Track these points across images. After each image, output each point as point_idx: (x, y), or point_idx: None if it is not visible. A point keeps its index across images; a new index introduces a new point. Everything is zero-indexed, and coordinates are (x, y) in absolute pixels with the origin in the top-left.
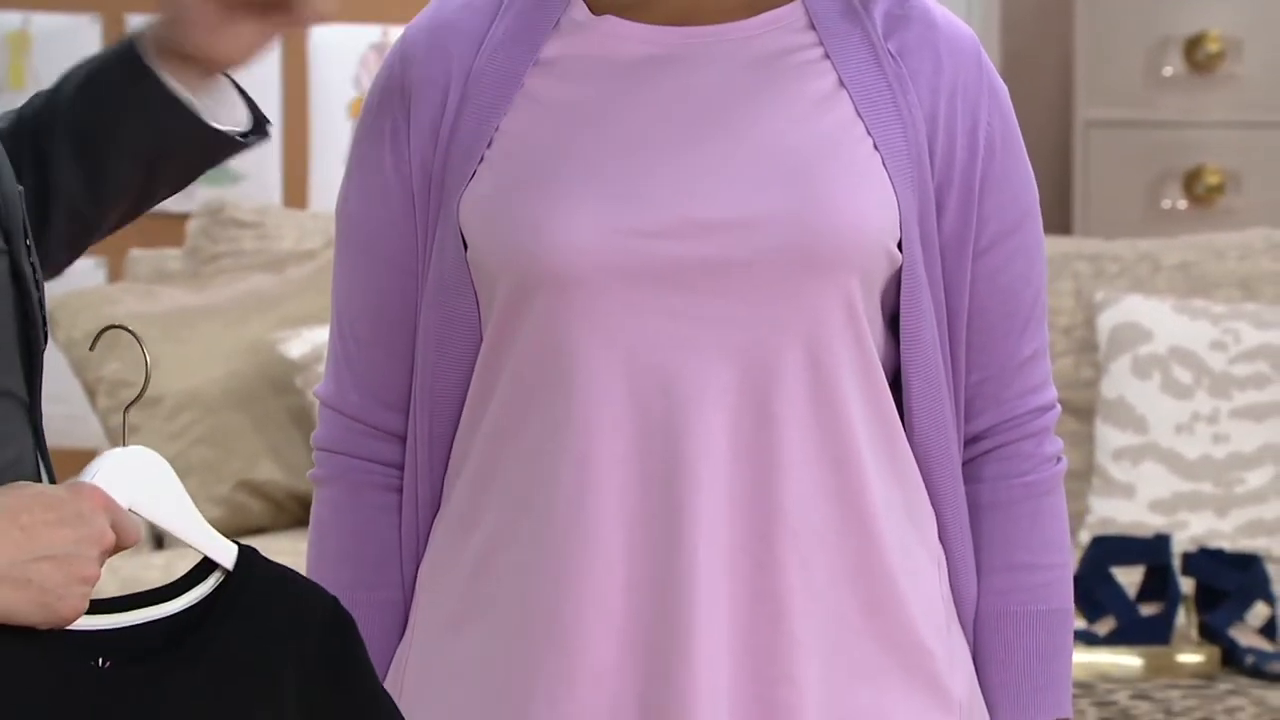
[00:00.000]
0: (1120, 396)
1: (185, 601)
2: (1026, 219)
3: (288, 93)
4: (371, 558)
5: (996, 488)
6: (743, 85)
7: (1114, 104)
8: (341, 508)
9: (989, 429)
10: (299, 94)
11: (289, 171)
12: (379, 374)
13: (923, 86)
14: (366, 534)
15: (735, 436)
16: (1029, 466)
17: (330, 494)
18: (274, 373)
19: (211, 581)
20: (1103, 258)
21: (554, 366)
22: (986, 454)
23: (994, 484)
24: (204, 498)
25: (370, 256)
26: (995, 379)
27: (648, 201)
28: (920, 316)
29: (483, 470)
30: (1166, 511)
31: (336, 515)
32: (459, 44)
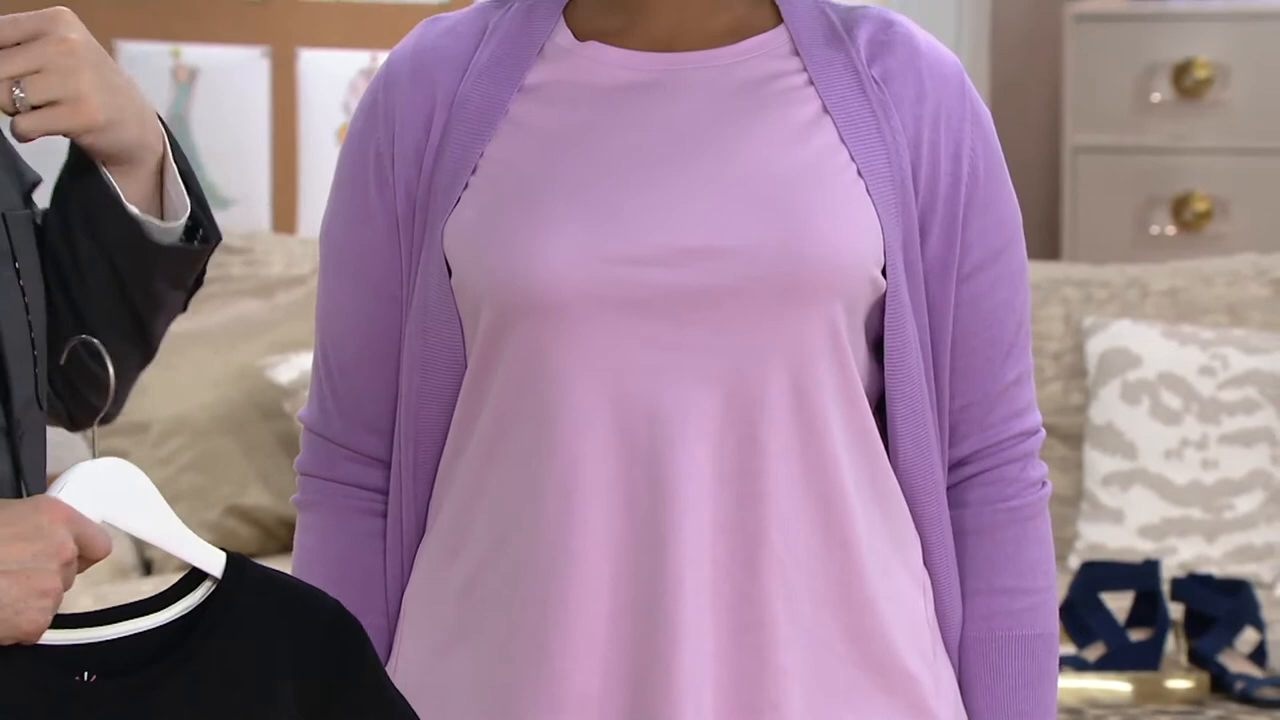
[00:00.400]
0: (1109, 422)
1: (173, 613)
2: (1010, 244)
3: (277, 118)
4: (357, 583)
5: (981, 512)
6: (727, 111)
7: (1102, 130)
8: (326, 533)
9: (973, 454)
10: (288, 120)
11: (278, 197)
12: (363, 399)
13: (906, 112)
14: (351, 560)
15: (719, 464)
16: (1014, 491)
17: (314, 519)
18: (263, 398)
19: (201, 592)
20: (1091, 283)
21: (537, 393)
22: (971, 479)
23: (978, 509)
24: (193, 523)
25: (354, 281)
26: (980, 404)
27: (632, 228)
28: (904, 343)
29: (467, 497)
30: (1156, 537)
31: (321, 541)
32: (443, 70)
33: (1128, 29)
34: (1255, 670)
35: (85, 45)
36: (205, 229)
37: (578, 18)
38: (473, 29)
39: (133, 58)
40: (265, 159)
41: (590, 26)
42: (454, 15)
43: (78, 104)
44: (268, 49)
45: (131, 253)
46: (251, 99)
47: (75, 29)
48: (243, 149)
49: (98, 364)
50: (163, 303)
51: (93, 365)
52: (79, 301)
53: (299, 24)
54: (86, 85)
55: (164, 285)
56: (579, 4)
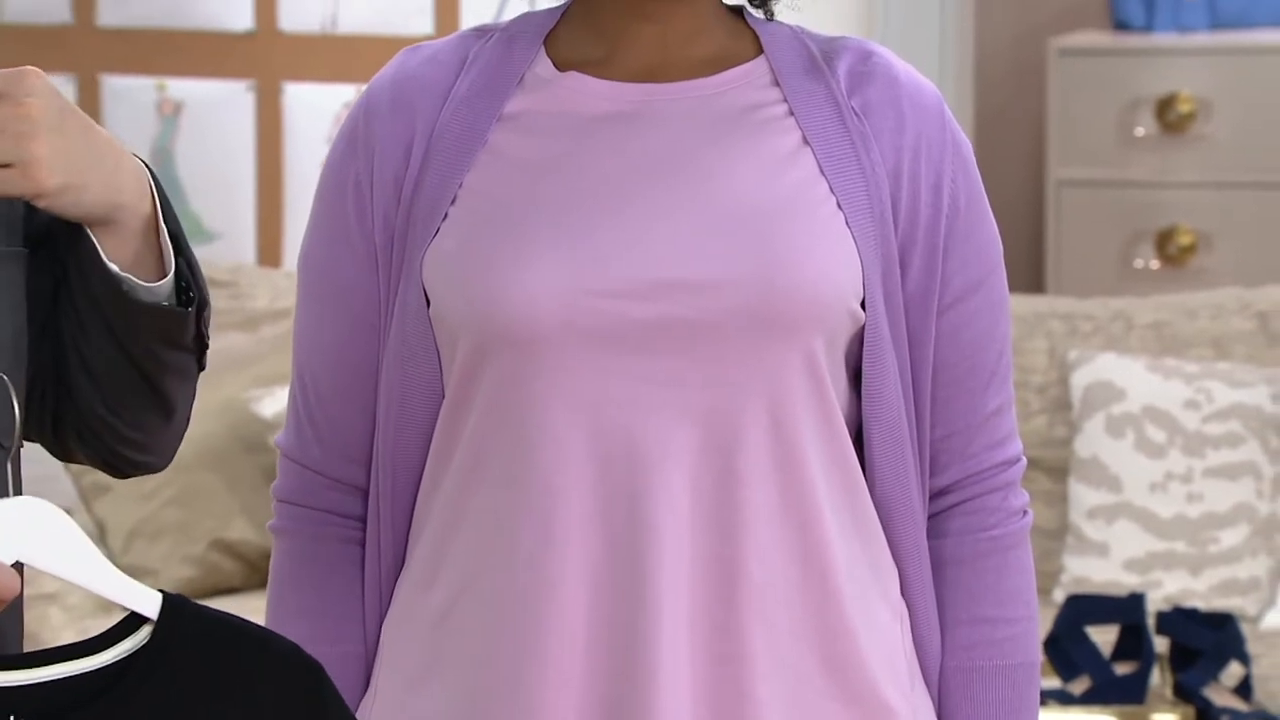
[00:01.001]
0: (1094, 455)
1: (108, 657)
2: (991, 274)
3: (261, 152)
4: (333, 611)
5: (962, 542)
6: (707, 142)
7: (1086, 164)
8: (301, 559)
9: (954, 484)
10: (273, 153)
11: (262, 230)
12: (340, 428)
13: (886, 143)
14: (327, 586)
15: (697, 497)
16: (995, 520)
17: (290, 545)
18: (247, 432)
19: (141, 636)
20: (1076, 316)
21: (515, 426)
22: (952, 508)
23: (960, 538)
24: (177, 558)
25: (332, 309)
26: (960, 434)
27: (611, 260)
28: (883, 375)
29: (444, 528)
30: (1141, 571)
31: (296, 567)
32: (423, 99)
33: (1111, 63)
34: (1241, 704)
35: (45, 109)
36: (193, 289)
37: (558, 48)
38: (453, 58)
39: (118, 92)
40: (250, 192)
41: (571, 57)
42: (434, 44)
43: (26, 169)
44: (253, 83)
45: (116, 310)
46: (236, 132)
47: (38, 92)
48: (228, 182)
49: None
50: (164, 362)
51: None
52: (86, 355)
53: (284, 58)
54: (39, 151)
55: (158, 344)
56: (560, 34)
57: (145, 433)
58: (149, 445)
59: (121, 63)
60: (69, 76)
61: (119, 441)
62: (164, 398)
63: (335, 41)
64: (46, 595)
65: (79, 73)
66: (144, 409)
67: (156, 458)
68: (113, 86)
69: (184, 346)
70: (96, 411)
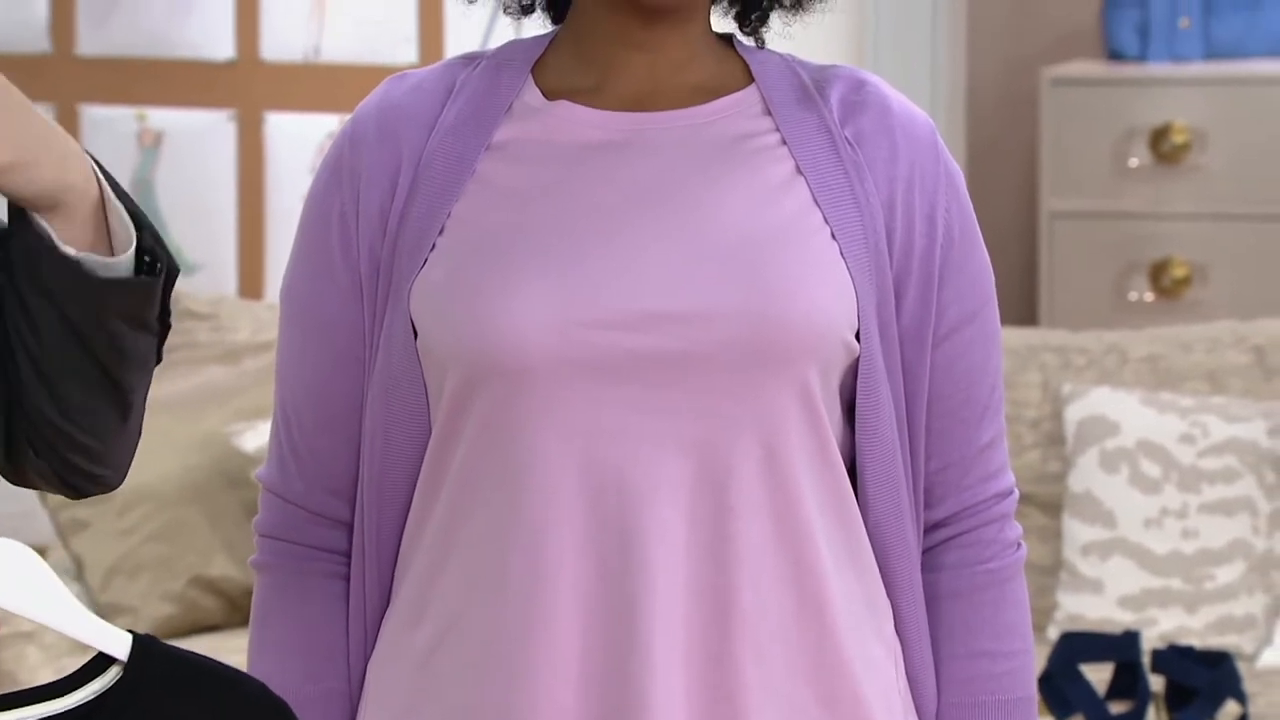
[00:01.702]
0: (1088, 490)
1: (74, 700)
2: (985, 305)
3: (243, 182)
4: (317, 648)
5: (958, 575)
6: (698, 171)
7: (1080, 195)
8: (284, 594)
9: (949, 517)
10: (255, 183)
11: (244, 262)
12: (324, 462)
13: (880, 173)
14: (310, 622)
15: (691, 530)
16: (990, 553)
17: (272, 580)
18: (228, 466)
19: (110, 676)
20: (1069, 349)
21: (504, 459)
22: (947, 541)
23: (955, 571)
24: (157, 595)
25: (315, 342)
26: (955, 466)
27: (601, 291)
28: (878, 408)
29: (432, 563)
30: (1136, 608)
31: (278, 602)
32: (409, 127)
33: (1105, 93)
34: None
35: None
36: (160, 260)
37: (547, 76)
38: (440, 86)
39: (97, 122)
40: (232, 223)
41: (560, 85)
42: (420, 72)
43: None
44: (234, 112)
45: (77, 296)
46: (218, 163)
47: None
48: (209, 213)
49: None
50: (125, 348)
51: (60, 423)
52: (37, 356)
53: (266, 87)
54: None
55: (121, 326)
56: (548, 62)
57: (100, 438)
58: (104, 454)
59: (101, 92)
60: (47, 106)
61: (73, 449)
62: (122, 392)
63: (318, 71)
64: (24, 634)
65: (58, 102)
66: (100, 408)
67: (112, 471)
68: (92, 116)
69: (148, 326)
70: (49, 418)
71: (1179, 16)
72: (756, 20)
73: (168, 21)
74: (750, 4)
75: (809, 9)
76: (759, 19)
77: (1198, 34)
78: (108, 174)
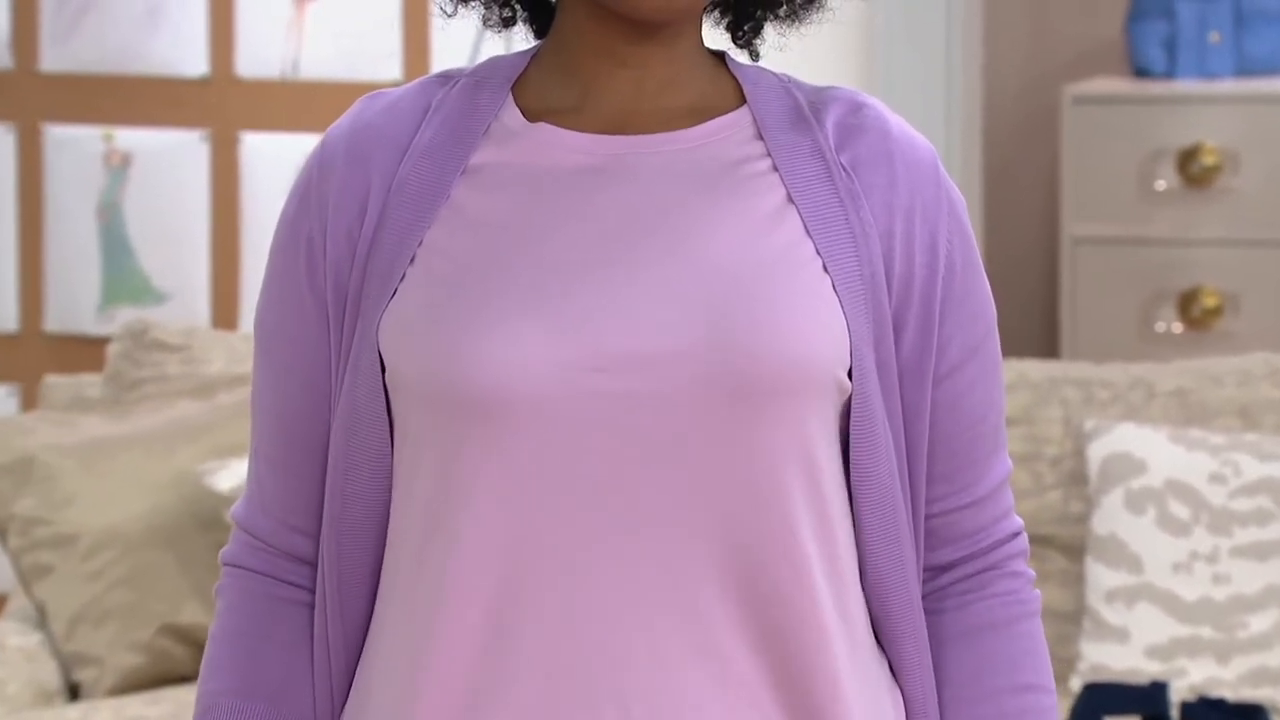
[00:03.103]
0: (1112, 533)
1: None
2: (987, 338)
3: (217, 206)
4: (274, 673)
5: (991, 606)
6: (684, 199)
7: (1104, 220)
8: (242, 613)
9: (958, 560)
10: (229, 207)
11: (218, 290)
12: (289, 498)
13: (877, 201)
14: (274, 643)
15: (673, 589)
16: (1015, 586)
17: (230, 602)
18: (201, 507)
19: None
20: (1093, 383)
21: (472, 502)
22: (956, 584)
23: (986, 602)
24: (124, 644)
25: (283, 374)
26: (967, 509)
27: (581, 329)
28: (874, 450)
29: (395, 617)
30: (1164, 657)
31: (235, 622)
32: (381, 150)
33: (1130, 112)
34: None
35: None
36: None
37: (527, 96)
38: (414, 106)
39: (61, 142)
40: (204, 249)
41: (541, 106)
42: (394, 92)
43: None
44: (207, 132)
45: None
46: (190, 185)
47: None
48: (180, 239)
49: None
50: None
51: None
52: None
53: (241, 105)
54: None
55: None
56: (529, 81)
57: None
58: None
59: (65, 111)
60: (8, 125)
61: None
62: None
63: (296, 88)
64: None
65: (19, 121)
66: None
67: None
68: (56, 136)
69: None
70: None
71: (1209, 31)
72: (749, 31)
73: (136, 36)
74: (742, 15)
75: (805, 20)
76: (752, 30)
77: (1229, 49)
78: None
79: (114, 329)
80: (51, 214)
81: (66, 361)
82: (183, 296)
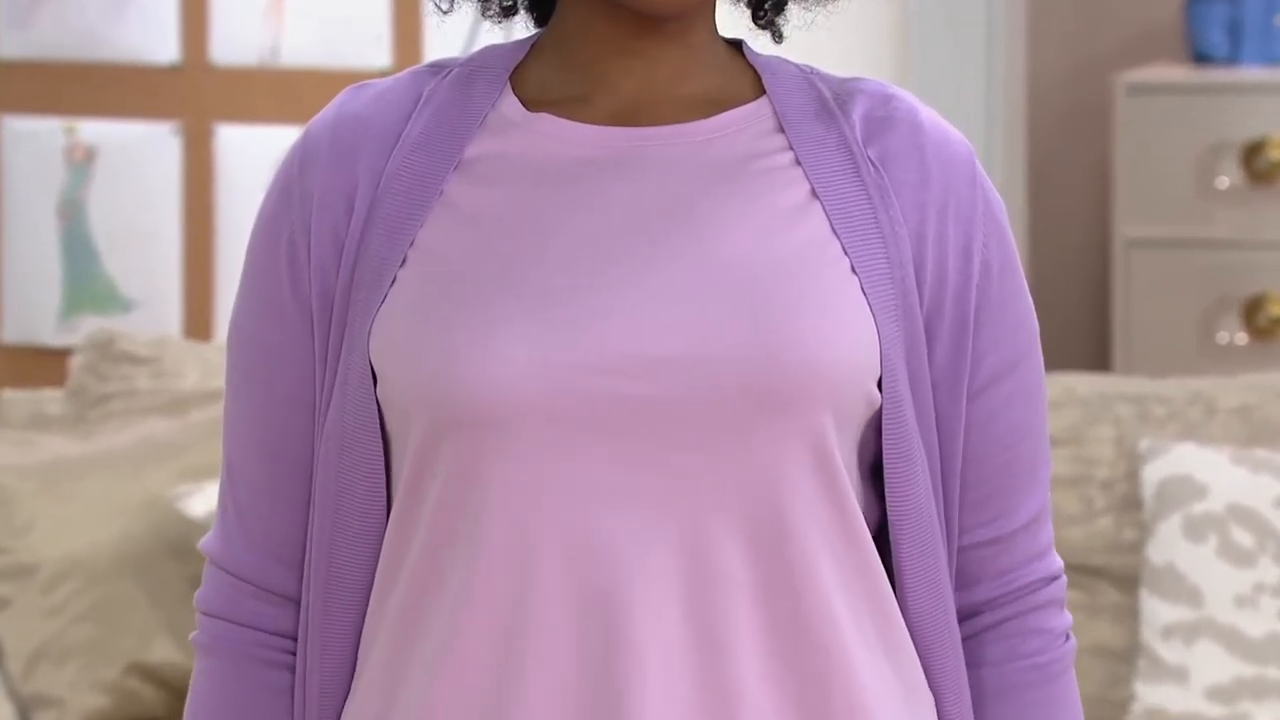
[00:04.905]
0: (1170, 563)
1: None
2: (1027, 355)
3: (189, 205)
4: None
5: (1003, 672)
6: (698, 195)
7: (1160, 221)
8: (224, 683)
9: (989, 601)
10: (203, 206)
11: (190, 298)
12: (272, 527)
13: (907, 199)
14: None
15: (688, 606)
16: (1038, 645)
17: (211, 666)
18: (173, 534)
19: None
20: (1148, 399)
21: (474, 521)
22: (987, 631)
23: (999, 668)
24: (87, 684)
25: (264, 388)
26: (994, 544)
27: (586, 332)
28: (909, 469)
29: (397, 649)
30: (1226, 700)
31: (218, 692)
32: (369, 142)
33: (1189, 103)
34: None
35: None
36: None
37: (527, 85)
38: (405, 97)
39: (19, 135)
40: (176, 253)
41: (542, 96)
42: (383, 82)
43: None
44: (178, 124)
45: None
46: (160, 182)
47: None
48: (149, 241)
49: None
50: None
51: None
52: None
53: (216, 95)
54: None
55: None
56: (529, 70)
57: None
58: None
59: (24, 100)
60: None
61: None
62: None
63: (276, 76)
64: None
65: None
66: None
67: None
68: (13, 129)
69: None
70: None
71: (1275, 12)
72: (771, 9)
73: (102, 19)
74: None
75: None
76: (774, 8)
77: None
78: None
79: (77, 339)
80: (8, 213)
81: (24, 375)
82: (152, 304)
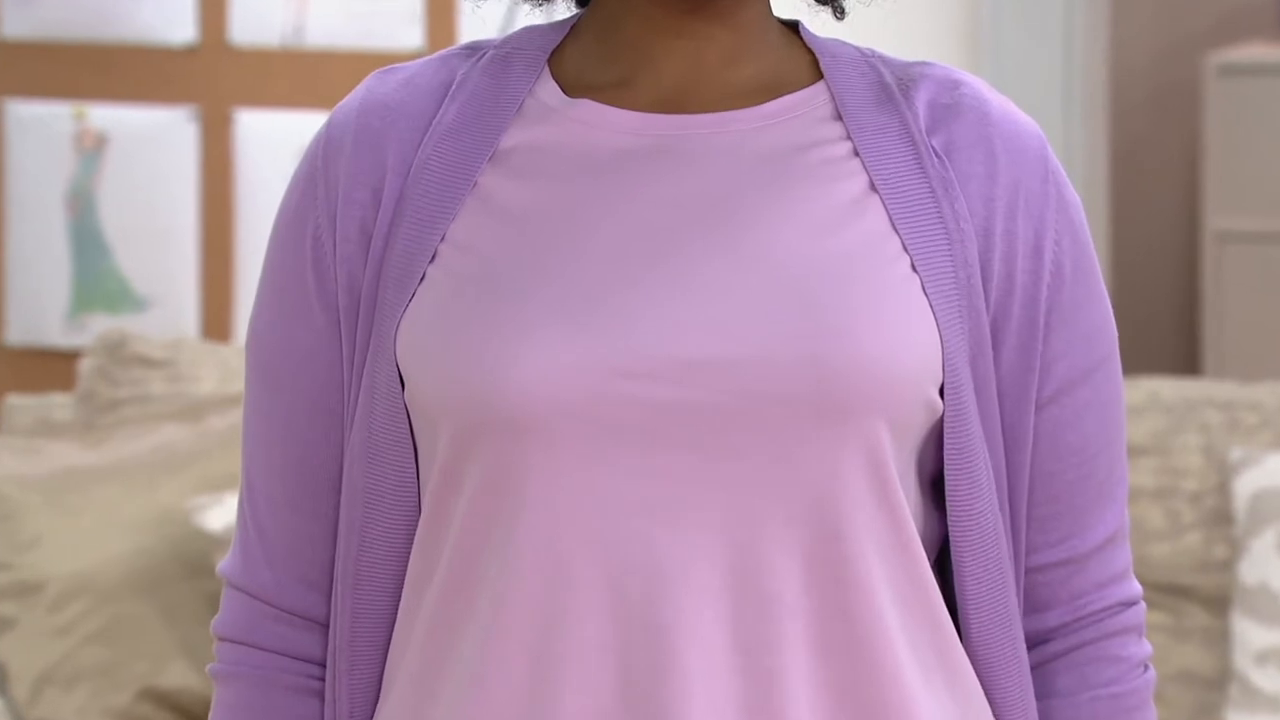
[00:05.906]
0: (1263, 582)
1: None
2: (1104, 364)
3: (207, 196)
4: None
5: (1075, 704)
6: (749, 187)
7: (1253, 212)
8: (249, 711)
9: (1061, 627)
10: (221, 197)
11: (208, 295)
12: (296, 544)
13: (974, 193)
14: None
15: (735, 627)
16: (1115, 674)
17: (231, 696)
18: (189, 550)
19: None
20: (1239, 406)
21: (507, 534)
22: (1058, 659)
23: (1070, 699)
24: (97, 710)
25: (286, 394)
26: (1067, 565)
27: (628, 335)
28: (973, 483)
29: (426, 666)
30: None
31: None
32: (397, 131)
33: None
34: None
35: None
36: None
37: (566, 69)
38: (435, 82)
39: (25, 121)
40: (192, 248)
41: (582, 80)
42: (412, 66)
43: None
44: (196, 109)
45: None
46: (175, 172)
47: None
48: (164, 234)
49: None
50: None
51: None
52: None
53: (235, 78)
54: None
55: None
56: (567, 53)
57: None
58: None
59: (30, 83)
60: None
61: None
62: None
63: (300, 58)
64: None
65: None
66: None
67: None
68: (19, 114)
69: None
70: None
71: None
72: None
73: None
74: None
75: None
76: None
77: None
78: None
79: (86, 341)
80: (13, 205)
81: (30, 379)
82: (167, 302)
